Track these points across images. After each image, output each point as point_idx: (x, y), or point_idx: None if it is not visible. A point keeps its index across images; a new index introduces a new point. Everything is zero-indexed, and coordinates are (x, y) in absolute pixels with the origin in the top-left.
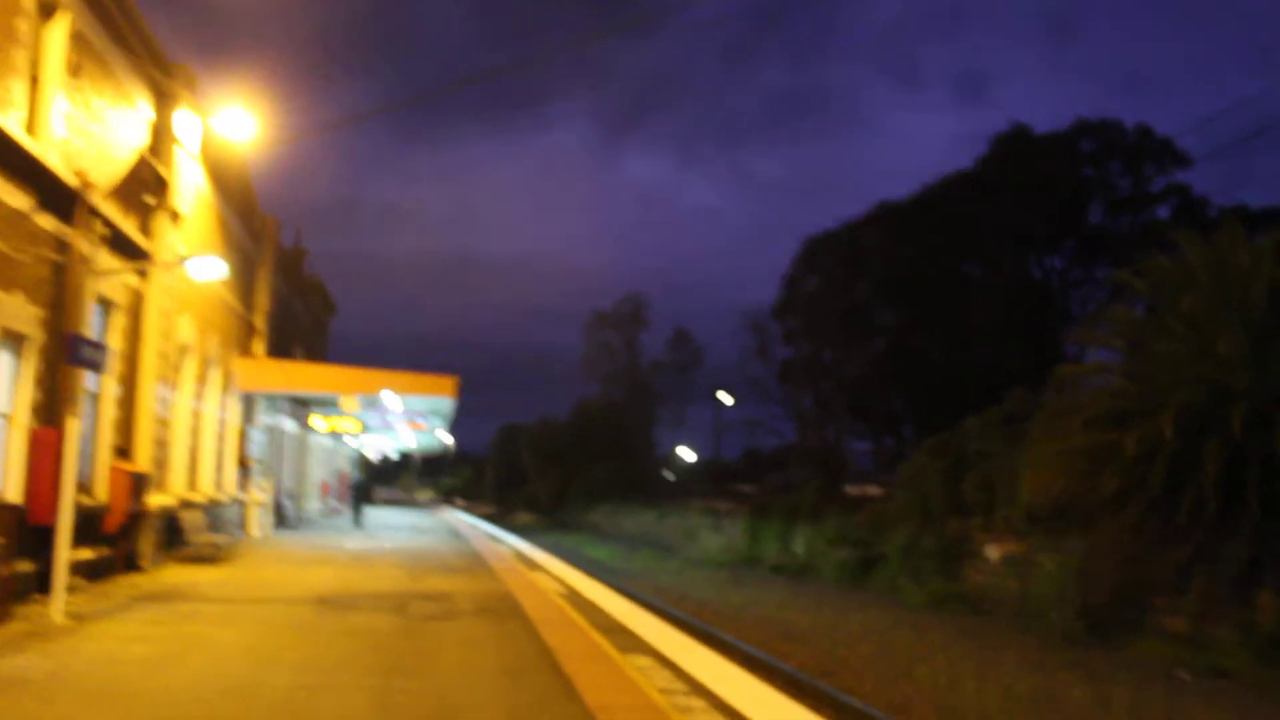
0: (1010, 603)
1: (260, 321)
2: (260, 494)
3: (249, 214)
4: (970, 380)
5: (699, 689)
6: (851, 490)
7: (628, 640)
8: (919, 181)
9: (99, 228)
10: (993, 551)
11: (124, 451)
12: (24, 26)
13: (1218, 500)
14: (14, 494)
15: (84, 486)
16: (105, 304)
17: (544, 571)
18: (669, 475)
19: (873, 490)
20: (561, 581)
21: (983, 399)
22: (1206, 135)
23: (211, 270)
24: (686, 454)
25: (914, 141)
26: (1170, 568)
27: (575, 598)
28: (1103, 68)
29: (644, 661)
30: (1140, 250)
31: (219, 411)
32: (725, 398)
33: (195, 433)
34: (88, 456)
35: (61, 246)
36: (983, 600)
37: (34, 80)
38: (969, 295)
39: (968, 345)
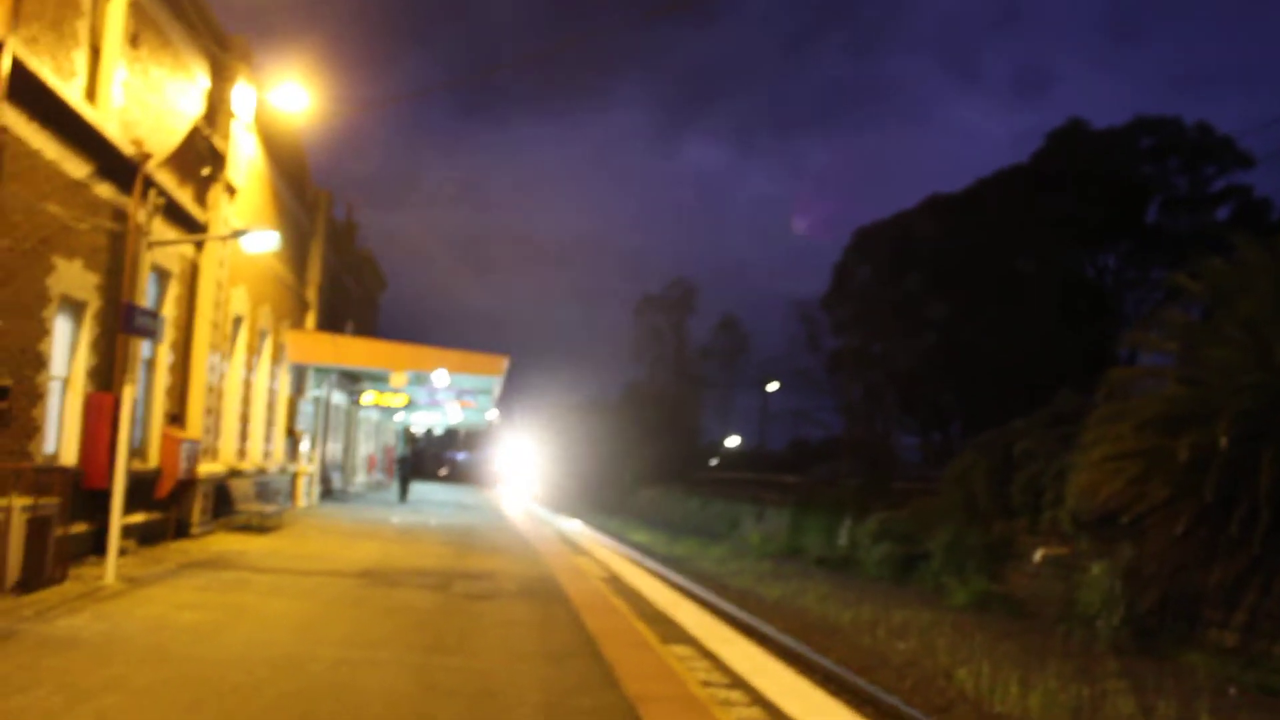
0: (1054, 607)
1: (312, 295)
2: (308, 465)
3: (302, 187)
4: (1019, 376)
5: (738, 681)
6: (898, 485)
7: (668, 629)
8: (974, 176)
9: (155, 198)
10: (1038, 554)
11: (177, 418)
12: None
13: (1272, 511)
14: (69, 457)
15: (137, 452)
16: (160, 273)
17: (587, 555)
18: (714, 462)
19: (919, 486)
20: (604, 565)
21: (1032, 396)
22: (1269, 137)
23: (265, 243)
24: (733, 442)
25: (970, 137)
26: (1221, 579)
27: (617, 583)
28: (1163, 68)
29: (684, 651)
30: (1197, 251)
31: (269, 382)
32: (772, 386)
33: (246, 402)
34: (141, 422)
35: (119, 215)
36: (1026, 603)
37: (94, 50)
38: (1021, 290)
39: (1018, 340)
